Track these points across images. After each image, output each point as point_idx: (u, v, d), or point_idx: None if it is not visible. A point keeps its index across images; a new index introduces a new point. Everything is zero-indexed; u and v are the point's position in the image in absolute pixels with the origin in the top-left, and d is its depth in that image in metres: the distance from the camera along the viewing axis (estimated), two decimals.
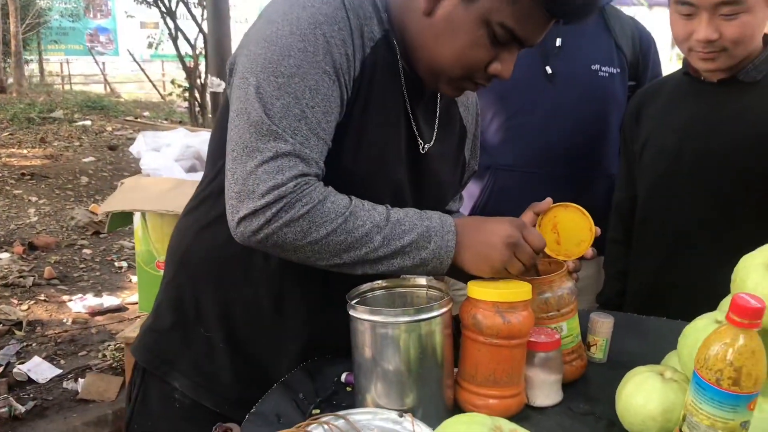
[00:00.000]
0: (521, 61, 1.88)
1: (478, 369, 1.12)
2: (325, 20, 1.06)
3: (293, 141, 1.04)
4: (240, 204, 1.04)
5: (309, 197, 1.04)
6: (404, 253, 1.10)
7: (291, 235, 1.04)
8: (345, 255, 1.08)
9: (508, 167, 1.93)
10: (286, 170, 1.03)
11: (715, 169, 1.55)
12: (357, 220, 1.08)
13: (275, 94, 1.04)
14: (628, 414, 1.06)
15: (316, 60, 1.05)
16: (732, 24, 1.43)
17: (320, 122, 1.07)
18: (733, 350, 0.83)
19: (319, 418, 1.08)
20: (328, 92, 1.07)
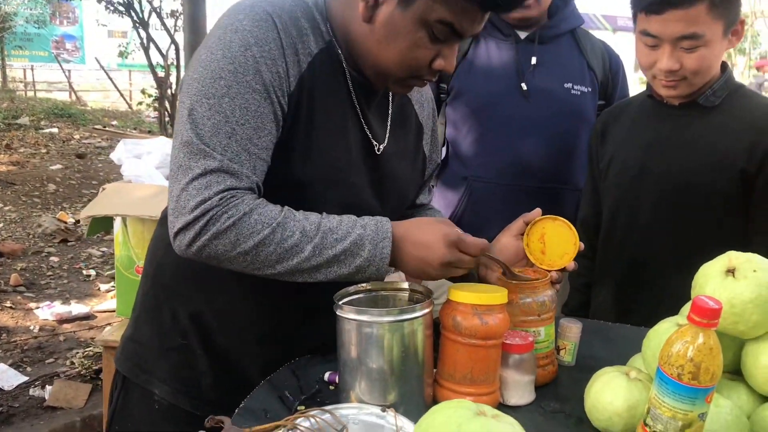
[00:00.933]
0: (498, 77, 1.99)
1: (457, 368, 1.19)
2: (255, 42, 1.12)
3: (221, 158, 1.09)
4: (175, 220, 1.10)
5: (235, 209, 1.09)
6: (338, 262, 1.13)
7: (221, 247, 1.09)
8: (278, 266, 1.12)
9: (483, 179, 2.01)
10: (213, 185, 1.08)
11: (676, 188, 1.65)
12: (286, 231, 1.11)
13: (206, 115, 1.09)
14: (596, 411, 1.14)
15: (246, 80, 1.11)
16: (691, 56, 1.54)
17: (251, 138, 1.11)
18: (693, 348, 0.90)
19: (307, 412, 1.13)
20: (259, 109, 1.12)
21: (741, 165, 1.58)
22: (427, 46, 1.16)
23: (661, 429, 0.95)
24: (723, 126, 1.62)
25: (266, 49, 1.12)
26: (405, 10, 1.12)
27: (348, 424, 1.10)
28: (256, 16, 1.13)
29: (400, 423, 1.11)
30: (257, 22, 1.13)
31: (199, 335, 1.31)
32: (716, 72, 1.62)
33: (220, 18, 1.17)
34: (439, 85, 2.08)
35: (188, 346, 1.31)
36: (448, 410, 0.78)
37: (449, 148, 2.11)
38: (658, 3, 1.50)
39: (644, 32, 1.57)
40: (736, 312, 1.05)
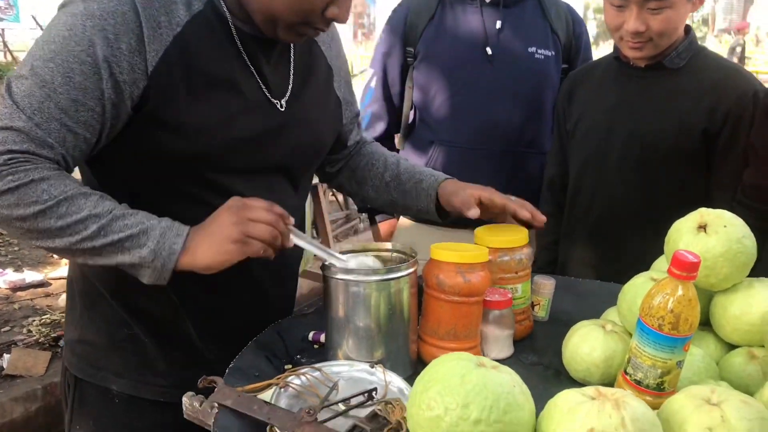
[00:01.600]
0: (463, 41, 2.01)
1: (441, 324, 1.22)
2: (100, 14, 1.05)
3: (27, 120, 1.03)
4: None
5: (23, 174, 1.03)
6: (122, 248, 1.07)
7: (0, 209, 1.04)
8: (57, 239, 1.06)
9: (449, 143, 2.03)
10: (8, 143, 1.02)
11: (642, 147, 1.70)
12: (72, 206, 1.06)
13: (26, 74, 1.05)
14: (574, 362, 1.19)
15: (75, 50, 1.05)
16: (657, 18, 1.59)
17: (67, 110, 1.06)
18: (673, 299, 0.96)
19: (298, 370, 1.16)
20: (84, 83, 1.06)
21: (703, 125, 1.64)
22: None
23: (642, 377, 1.00)
24: (686, 87, 1.67)
25: (110, 23, 1.06)
26: None
27: (338, 380, 1.13)
28: None
29: (388, 378, 1.15)
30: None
31: (141, 322, 1.30)
32: (680, 34, 1.67)
33: None
34: (405, 48, 2.08)
35: (135, 336, 1.30)
36: (450, 362, 0.81)
37: (416, 112, 2.13)
38: None
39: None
40: (708, 265, 1.10)
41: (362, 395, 1.07)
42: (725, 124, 1.63)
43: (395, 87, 2.13)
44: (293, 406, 1.05)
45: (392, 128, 2.19)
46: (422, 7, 2.05)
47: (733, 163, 1.64)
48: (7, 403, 2.92)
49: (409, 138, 2.16)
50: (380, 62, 2.13)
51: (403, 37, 2.07)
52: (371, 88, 2.16)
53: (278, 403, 1.05)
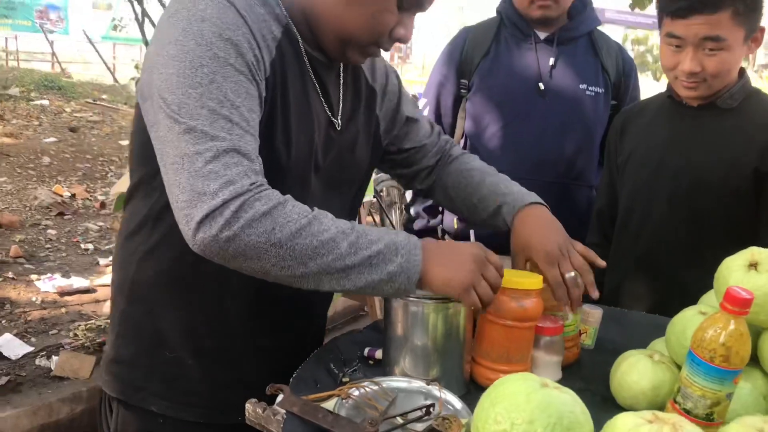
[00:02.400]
0: (517, 76, 2.08)
1: (494, 347, 1.28)
2: (227, 26, 1.07)
3: (230, 137, 1.03)
4: (193, 209, 1.00)
5: (267, 197, 1.03)
6: (371, 265, 1.07)
7: (254, 236, 1.01)
8: (311, 262, 1.04)
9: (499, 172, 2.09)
10: (233, 167, 1.02)
11: (692, 182, 1.75)
12: (321, 224, 1.06)
13: (198, 104, 1.03)
14: (622, 389, 1.23)
15: (229, 63, 1.06)
16: (713, 59, 1.63)
17: (248, 120, 1.07)
18: (725, 333, 1.00)
19: (359, 383, 1.22)
20: (249, 91, 1.08)
21: (754, 164, 1.68)
22: (393, 12, 1.16)
23: (691, 406, 1.04)
24: (738, 127, 1.72)
25: (240, 33, 1.08)
26: None
27: (396, 395, 1.19)
28: (218, 4, 1.08)
29: (444, 396, 1.20)
30: (222, 9, 1.08)
31: (188, 346, 1.29)
32: (734, 76, 1.72)
33: (169, 12, 1.11)
34: (460, 80, 2.16)
35: (178, 358, 1.29)
36: (516, 382, 0.87)
37: (467, 141, 2.19)
38: (684, 8, 1.60)
39: (669, 34, 1.66)
40: (758, 303, 1.13)
41: (420, 410, 1.13)
42: None
43: (447, 117, 2.21)
44: (353, 417, 1.11)
45: None
46: (478, 41, 2.13)
47: None
48: (56, 403, 3.02)
49: None
50: (434, 92, 2.21)
51: (458, 69, 2.15)
52: None
53: (339, 412, 1.11)
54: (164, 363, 1.28)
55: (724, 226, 1.72)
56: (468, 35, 2.18)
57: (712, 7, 1.58)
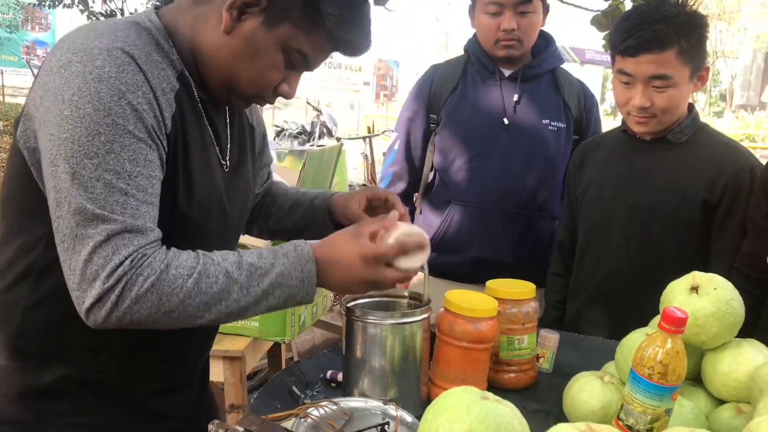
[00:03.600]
0: (482, 111, 2.16)
1: (451, 368, 1.32)
2: (127, 88, 1.02)
3: (122, 218, 1.02)
4: (83, 294, 1.02)
5: (150, 269, 1.02)
6: (268, 295, 1.11)
7: (144, 311, 1.03)
8: (206, 314, 1.07)
9: (465, 203, 2.17)
10: (122, 249, 1.01)
11: (645, 215, 1.82)
12: (209, 278, 1.06)
13: (94, 176, 1.00)
14: (573, 409, 1.28)
15: (128, 130, 1.02)
16: (661, 95, 1.72)
17: (146, 189, 1.05)
18: (662, 351, 1.05)
19: (317, 403, 1.25)
20: (148, 157, 1.05)
21: (703, 196, 1.76)
22: (280, 70, 1.17)
23: (633, 422, 1.09)
24: (688, 161, 1.80)
25: (140, 93, 1.04)
26: (269, 30, 1.12)
27: (353, 414, 1.23)
28: (117, 59, 1.03)
29: (401, 415, 1.24)
30: (121, 66, 1.03)
31: (84, 396, 1.21)
32: (683, 111, 1.80)
33: (60, 60, 1.03)
34: (429, 115, 2.24)
35: (74, 408, 1.21)
36: (457, 394, 0.91)
37: (436, 174, 2.27)
38: (633, 47, 1.69)
39: (620, 71, 1.75)
40: (699, 324, 1.20)
41: (375, 428, 1.17)
42: (724, 197, 1.74)
43: (417, 150, 2.28)
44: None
45: (411, 187, 2.33)
46: (446, 78, 2.22)
47: (731, 233, 1.74)
48: None
49: (427, 196, 2.30)
50: (405, 126, 2.29)
51: (427, 105, 2.24)
52: (394, 150, 2.31)
53: (298, 431, 1.15)
54: (62, 413, 1.20)
55: (677, 255, 1.79)
56: (437, 72, 2.27)
57: (659, 47, 1.67)
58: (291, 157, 6.39)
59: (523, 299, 1.44)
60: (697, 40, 1.71)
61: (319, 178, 2.39)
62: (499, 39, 2.10)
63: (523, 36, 2.10)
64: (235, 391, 2.09)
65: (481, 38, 2.18)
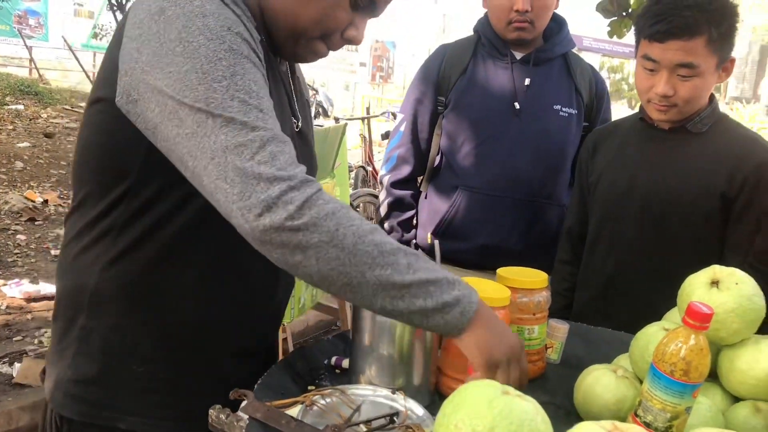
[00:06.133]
0: (493, 94, 2.11)
1: (461, 358, 1.27)
2: (232, 23, 1.04)
3: (268, 126, 1.00)
4: (249, 200, 0.96)
5: (324, 198, 0.99)
6: (428, 291, 1.02)
7: (317, 235, 0.96)
8: (369, 272, 0.99)
9: (473, 188, 2.12)
10: (280, 155, 0.98)
11: (661, 204, 1.78)
12: (383, 235, 1.01)
13: (227, 96, 0.99)
14: (586, 403, 1.24)
15: (244, 55, 1.03)
16: (686, 84, 1.68)
17: (272, 111, 1.04)
18: (686, 347, 1.02)
19: (323, 390, 1.22)
20: (263, 81, 1.06)
21: (721, 189, 1.72)
22: (346, 10, 1.17)
23: (651, 419, 1.06)
24: (707, 152, 1.75)
25: (242, 28, 1.05)
26: None
27: (361, 403, 1.19)
28: (213, 1, 1.04)
29: (408, 405, 1.21)
30: (219, 5, 1.04)
31: (160, 357, 1.22)
32: (705, 102, 1.76)
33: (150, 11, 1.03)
34: (437, 97, 2.19)
35: (149, 371, 1.22)
36: (477, 388, 0.87)
37: (442, 157, 2.22)
38: (662, 33, 1.64)
39: (645, 57, 1.70)
40: (719, 320, 1.17)
41: (384, 418, 1.13)
42: (743, 190, 1.71)
43: (424, 133, 2.23)
44: (317, 424, 1.11)
45: (417, 171, 2.28)
46: (456, 60, 2.16)
47: (747, 227, 1.71)
48: (15, 411, 2.96)
49: (433, 181, 2.25)
50: (411, 108, 2.23)
51: (435, 86, 2.18)
52: (400, 132, 2.26)
53: (303, 419, 1.11)
54: (134, 378, 1.21)
55: (692, 247, 1.75)
56: (446, 53, 2.21)
57: (688, 34, 1.62)
58: None
59: (535, 288, 1.40)
60: (727, 30, 1.66)
61: (323, 158, 2.34)
62: (512, 20, 2.05)
63: (535, 18, 2.05)
64: None
65: (493, 19, 2.12)
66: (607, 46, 22.83)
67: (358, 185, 7.09)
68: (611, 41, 12.47)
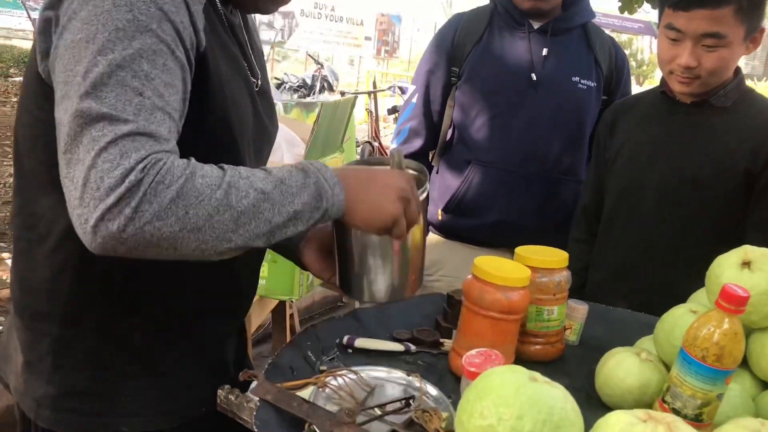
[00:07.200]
0: (509, 65, 2.04)
1: (478, 339, 1.23)
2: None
3: (134, 119, 0.88)
4: (87, 210, 0.85)
5: (170, 176, 0.87)
6: (297, 219, 0.98)
7: (166, 228, 0.87)
8: (234, 235, 0.93)
9: (487, 163, 2.05)
10: (131, 152, 0.86)
11: (681, 181, 1.72)
12: (239, 191, 0.93)
13: (106, 72, 0.88)
14: (608, 387, 1.20)
15: (151, 28, 0.91)
16: (711, 55, 1.60)
17: (163, 95, 0.91)
18: (719, 332, 0.97)
19: (336, 371, 1.17)
20: (167, 63, 0.93)
21: (745, 165, 1.66)
22: None
23: (680, 406, 1.01)
24: (731, 127, 1.69)
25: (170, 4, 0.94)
26: None
27: (375, 386, 1.15)
28: None
29: (424, 387, 1.17)
30: None
31: (155, 349, 1.16)
32: (730, 75, 1.69)
33: None
34: (450, 68, 2.11)
35: (145, 366, 1.15)
36: (503, 374, 0.83)
37: (455, 131, 2.15)
38: (687, 1, 1.57)
39: (669, 26, 1.63)
40: (751, 302, 1.09)
41: (399, 402, 1.09)
42: (767, 167, 1.65)
43: (436, 105, 2.15)
44: (330, 407, 1.07)
45: (429, 144, 2.21)
46: (470, 29, 2.09)
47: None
48: None
49: (445, 155, 2.18)
50: (423, 79, 2.16)
51: (448, 57, 2.10)
52: (412, 104, 2.19)
53: (315, 402, 1.07)
54: (128, 377, 1.14)
55: (712, 226, 1.70)
56: (460, 22, 2.13)
57: (715, 2, 1.55)
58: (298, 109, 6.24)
59: (555, 268, 1.35)
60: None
61: (332, 132, 2.27)
62: None
63: None
64: None
65: None
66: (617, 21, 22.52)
67: None
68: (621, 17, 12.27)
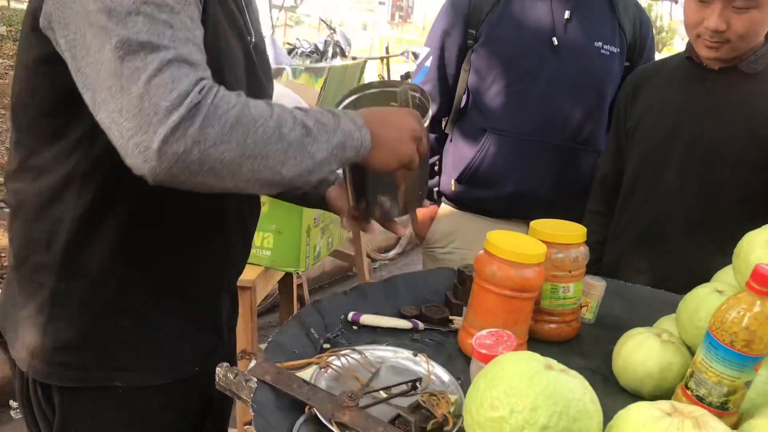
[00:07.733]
0: (529, 28, 1.94)
1: (489, 317, 1.18)
2: None
3: (173, 45, 0.87)
4: (147, 136, 0.84)
5: (227, 101, 0.88)
6: (333, 157, 0.99)
7: (228, 153, 0.87)
8: (284, 168, 0.93)
9: (503, 132, 1.97)
10: (182, 77, 0.85)
11: (706, 152, 1.63)
12: (286, 123, 0.93)
13: (133, 10, 0.86)
14: (626, 371, 1.14)
15: None
16: (741, 18, 1.51)
17: (189, 28, 0.91)
18: (749, 315, 0.90)
19: (339, 351, 1.12)
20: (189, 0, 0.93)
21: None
22: None
23: (705, 393, 0.95)
24: (760, 94, 1.60)
25: None
26: None
27: (380, 366, 1.09)
28: None
29: (432, 368, 1.11)
30: None
31: (150, 304, 1.15)
32: (761, 39, 1.59)
33: None
34: (467, 30, 2.02)
35: (139, 321, 1.15)
36: (516, 361, 0.76)
37: (470, 97, 2.06)
38: None
39: None
40: None
41: (405, 384, 1.03)
42: None
43: (451, 68, 2.06)
44: (332, 388, 1.02)
45: (442, 111, 2.11)
46: None
47: None
48: None
49: (459, 123, 2.10)
50: (438, 40, 2.06)
51: (465, 18, 2.00)
52: (426, 67, 2.09)
53: (317, 383, 1.02)
54: (123, 333, 1.13)
55: (738, 200, 1.61)
56: None
57: None
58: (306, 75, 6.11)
59: (572, 243, 1.28)
60: None
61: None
62: None
63: None
64: (243, 322, 1.96)
65: None
66: None
67: None
68: None
